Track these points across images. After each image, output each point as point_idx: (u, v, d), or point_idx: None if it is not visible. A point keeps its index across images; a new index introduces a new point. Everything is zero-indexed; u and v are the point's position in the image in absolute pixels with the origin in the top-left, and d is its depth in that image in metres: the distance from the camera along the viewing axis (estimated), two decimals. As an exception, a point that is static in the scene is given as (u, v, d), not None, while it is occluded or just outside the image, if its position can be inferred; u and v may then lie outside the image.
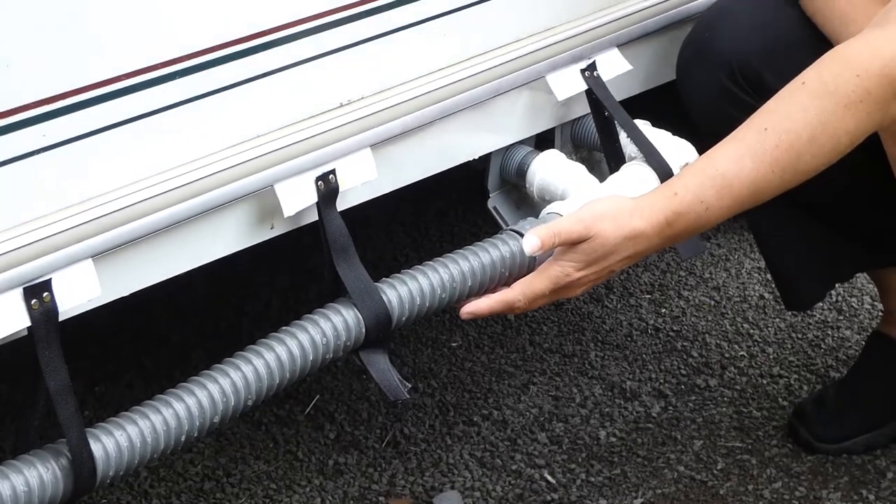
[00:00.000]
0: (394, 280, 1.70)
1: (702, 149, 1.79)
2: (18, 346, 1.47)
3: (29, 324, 1.44)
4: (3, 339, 1.45)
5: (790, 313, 2.45)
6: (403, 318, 1.70)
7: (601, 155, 2.02)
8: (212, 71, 1.57)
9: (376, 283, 1.69)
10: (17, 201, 1.44)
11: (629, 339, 2.40)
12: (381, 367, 1.71)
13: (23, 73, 1.42)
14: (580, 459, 2.12)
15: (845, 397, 2.12)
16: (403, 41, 1.74)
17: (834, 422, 2.11)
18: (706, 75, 1.92)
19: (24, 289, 1.44)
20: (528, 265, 1.78)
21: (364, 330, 1.66)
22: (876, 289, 2.30)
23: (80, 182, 1.48)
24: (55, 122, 1.45)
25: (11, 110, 1.42)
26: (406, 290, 1.69)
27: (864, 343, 2.17)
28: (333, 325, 1.64)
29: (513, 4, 1.85)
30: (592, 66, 1.94)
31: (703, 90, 1.93)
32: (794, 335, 2.40)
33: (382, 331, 1.68)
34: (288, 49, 1.63)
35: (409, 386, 1.71)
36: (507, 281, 1.77)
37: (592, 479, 2.08)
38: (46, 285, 1.45)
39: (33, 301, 1.44)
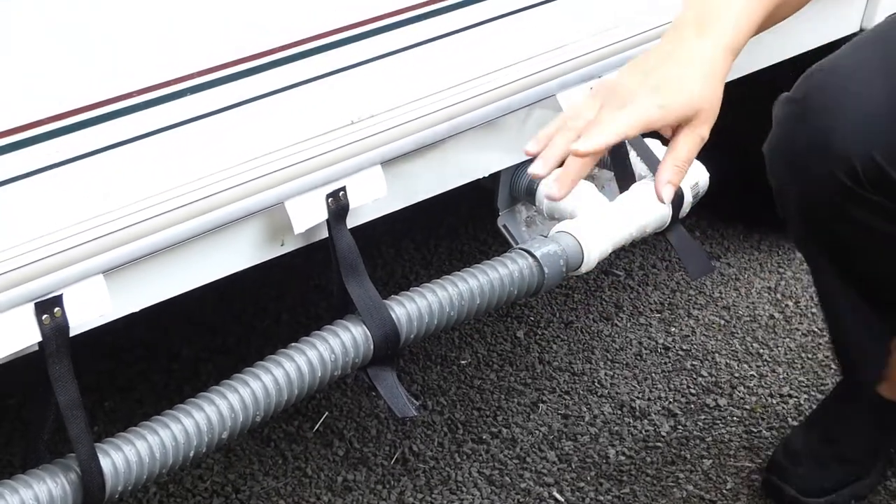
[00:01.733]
0: (403, 297, 1.71)
1: (807, 264, 1.77)
2: (29, 360, 1.48)
3: (40, 339, 1.45)
4: (15, 353, 1.45)
5: (800, 333, 2.45)
6: (412, 336, 1.70)
7: (611, 173, 2.02)
8: (222, 88, 1.57)
9: (385, 301, 1.69)
10: (30, 217, 1.45)
11: (639, 357, 2.40)
12: (389, 384, 1.71)
13: (36, 89, 1.43)
14: (589, 478, 2.12)
15: (825, 449, 2.05)
16: (414, 59, 1.75)
17: (816, 474, 2.03)
18: (817, 171, 1.71)
19: (36, 304, 1.44)
20: (538, 284, 1.79)
21: (373, 347, 1.67)
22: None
23: (91, 198, 1.49)
24: (68, 137, 1.46)
25: (25, 126, 1.43)
26: (415, 308, 1.70)
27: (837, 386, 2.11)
28: (342, 341, 1.65)
29: (523, 22, 1.86)
30: (603, 85, 1.94)
31: (814, 188, 1.73)
32: (804, 355, 2.40)
33: (391, 348, 1.68)
34: (299, 66, 1.63)
35: (418, 403, 1.72)
36: (516, 299, 1.77)
37: (601, 498, 2.08)
38: (58, 300, 1.46)
39: (44, 316, 1.45)
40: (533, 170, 1.40)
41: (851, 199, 1.71)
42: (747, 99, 2.12)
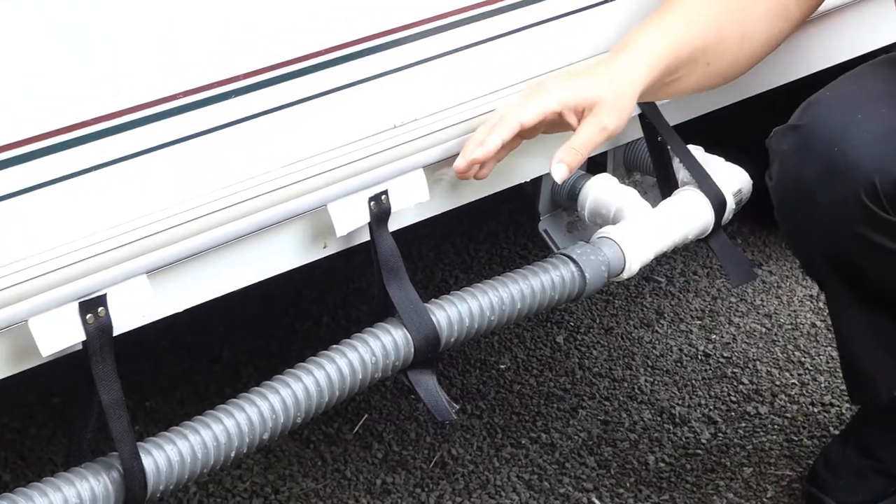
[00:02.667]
0: (443, 301, 1.71)
1: (820, 288, 1.83)
2: (72, 359, 1.49)
3: (84, 338, 1.46)
4: (59, 352, 1.46)
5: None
6: (452, 340, 1.70)
7: (654, 179, 2.02)
8: (266, 91, 1.58)
9: (426, 304, 1.69)
10: (76, 216, 1.46)
11: (679, 364, 2.40)
12: (429, 387, 1.71)
13: (84, 89, 1.44)
14: (628, 484, 2.12)
15: (863, 460, 2.02)
16: (457, 63, 1.75)
17: (856, 486, 2.01)
18: (839, 194, 1.71)
19: (80, 303, 1.45)
20: (579, 290, 1.78)
21: (413, 350, 1.67)
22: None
23: (136, 198, 1.50)
24: (114, 138, 1.47)
25: (72, 126, 1.44)
26: (455, 312, 1.70)
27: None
28: (383, 344, 1.65)
29: (566, 29, 1.85)
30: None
31: (833, 211, 1.73)
32: (845, 364, 2.39)
33: (431, 351, 1.69)
34: (343, 70, 1.64)
35: (457, 407, 1.72)
36: (556, 305, 1.77)
37: (640, 505, 2.08)
38: (102, 300, 1.47)
39: (88, 315, 1.46)
40: (455, 165, 1.64)
41: (869, 220, 1.71)
42: (790, 106, 2.11)
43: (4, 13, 1.37)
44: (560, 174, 1.62)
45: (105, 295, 1.47)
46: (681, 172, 1.97)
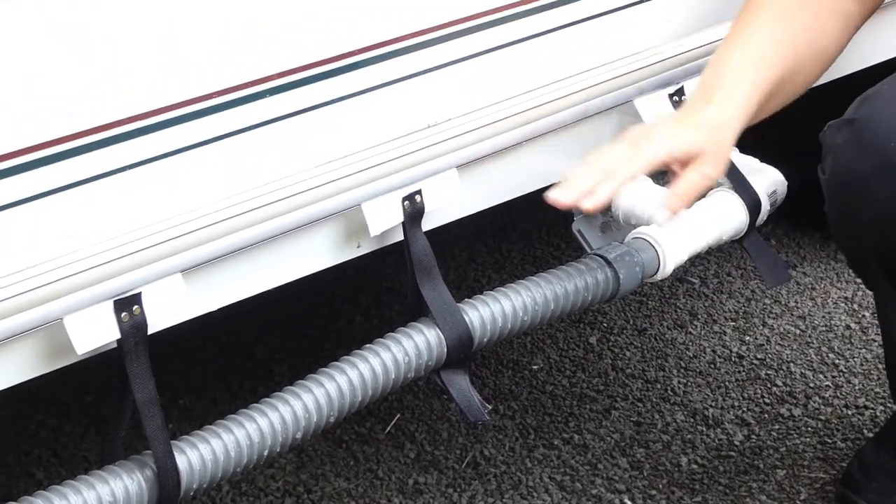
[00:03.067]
0: (476, 301, 1.71)
1: (868, 287, 1.84)
2: (105, 358, 1.50)
3: (118, 336, 1.47)
4: (94, 350, 1.47)
5: (877, 343, 2.42)
6: (485, 340, 1.70)
7: (688, 180, 2.01)
8: (300, 90, 1.58)
9: (458, 304, 1.69)
10: (110, 215, 1.46)
11: (712, 366, 2.39)
12: (461, 387, 1.71)
13: (118, 89, 1.45)
14: (661, 486, 2.11)
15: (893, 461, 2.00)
16: (491, 63, 1.75)
17: (890, 488, 1.99)
18: (894, 189, 1.70)
19: (115, 301, 1.46)
20: (613, 290, 1.78)
21: (445, 350, 1.67)
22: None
23: (171, 197, 1.50)
24: (148, 137, 1.47)
25: (106, 125, 1.45)
26: (488, 312, 1.70)
27: None
28: (415, 344, 1.65)
29: (602, 28, 1.85)
30: (681, 91, 1.94)
31: (887, 207, 1.71)
32: (879, 366, 2.37)
33: (464, 351, 1.68)
34: (377, 70, 1.64)
35: (490, 407, 1.71)
36: (590, 305, 1.77)
37: (672, 506, 2.07)
38: (136, 298, 1.47)
39: (123, 314, 1.46)
40: (552, 195, 1.64)
41: None
42: (828, 105, 2.10)
43: (61, 13, 1.38)
44: (663, 217, 1.67)
45: (140, 293, 1.47)
46: (715, 173, 1.96)
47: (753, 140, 2.03)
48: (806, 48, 1.78)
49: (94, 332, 1.45)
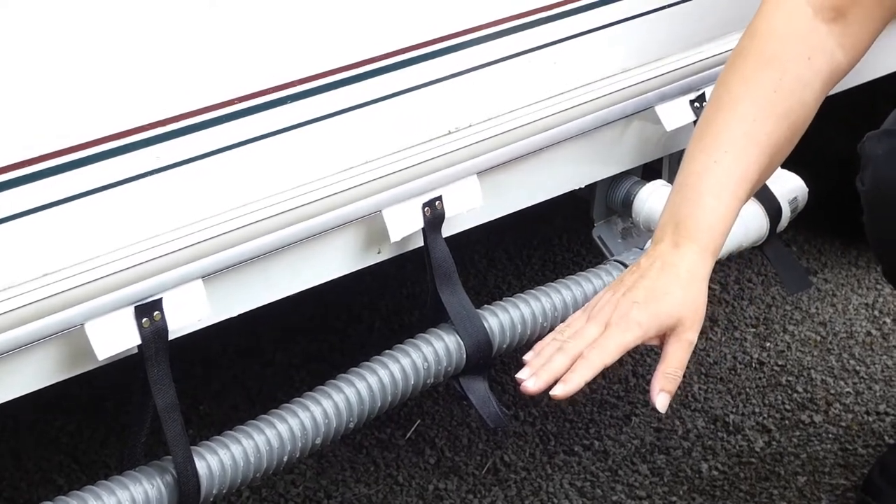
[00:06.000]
0: (496, 307, 1.71)
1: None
2: (126, 363, 1.50)
3: (139, 342, 1.47)
4: (115, 356, 1.47)
5: (898, 350, 2.42)
6: (504, 346, 1.70)
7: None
8: (323, 96, 1.59)
9: (478, 310, 1.69)
10: (131, 221, 1.47)
11: (733, 372, 2.38)
12: (481, 393, 1.71)
13: (138, 95, 1.45)
14: (681, 492, 2.11)
15: None
16: (512, 70, 1.75)
17: None
18: None
19: (136, 307, 1.46)
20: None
21: (465, 356, 1.67)
22: None
23: (191, 203, 1.51)
24: (169, 144, 1.48)
25: (126, 131, 1.45)
26: (508, 318, 1.70)
27: None
28: (435, 350, 1.65)
29: (623, 34, 1.85)
30: (702, 98, 1.93)
31: None
32: (901, 373, 2.37)
33: (483, 357, 1.68)
34: (398, 76, 1.64)
35: (510, 413, 1.71)
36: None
37: (693, 513, 2.07)
38: (157, 304, 1.47)
39: (144, 319, 1.47)
40: (520, 375, 1.48)
41: None
42: (847, 111, 2.09)
43: (74, 16, 1.39)
44: (663, 405, 1.50)
45: (161, 299, 1.48)
46: (736, 179, 1.95)
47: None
48: (786, 133, 1.60)
49: (115, 337, 1.46)
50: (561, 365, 1.48)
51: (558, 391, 1.47)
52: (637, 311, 1.49)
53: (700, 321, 1.53)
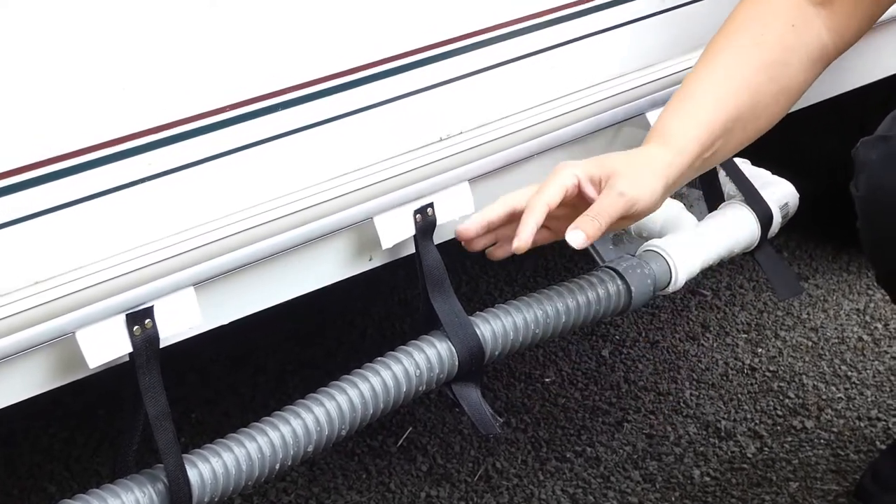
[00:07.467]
0: (488, 314, 1.71)
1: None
2: (116, 372, 1.50)
3: (130, 350, 1.47)
4: (106, 364, 1.47)
5: (889, 356, 2.42)
6: (496, 353, 1.70)
7: (700, 192, 2.01)
8: (312, 104, 1.59)
9: (470, 317, 1.69)
10: (122, 229, 1.47)
11: (725, 378, 2.39)
12: (473, 400, 1.71)
13: (132, 101, 1.45)
14: (674, 498, 2.11)
15: None
16: (503, 76, 1.75)
17: None
18: None
19: (127, 315, 1.46)
20: (625, 303, 1.78)
21: (457, 363, 1.67)
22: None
23: (183, 211, 1.51)
24: (160, 151, 1.48)
25: (118, 139, 1.45)
26: (500, 325, 1.70)
27: None
28: (427, 357, 1.65)
29: (613, 41, 1.85)
30: (692, 104, 1.93)
31: None
32: (892, 378, 2.37)
33: (475, 364, 1.68)
34: (389, 83, 1.64)
35: (502, 420, 1.71)
36: (602, 318, 1.76)
37: (685, 519, 2.07)
38: (149, 312, 1.47)
39: (135, 327, 1.46)
40: (462, 228, 1.58)
41: None
42: (837, 117, 2.10)
43: (65, 22, 1.39)
44: (576, 241, 1.54)
45: (152, 307, 1.48)
46: (727, 185, 1.96)
47: (765, 153, 2.03)
48: (769, 86, 1.68)
49: (107, 345, 1.46)
50: (499, 214, 1.57)
51: (515, 244, 1.54)
52: (574, 161, 1.59)
53: (640, 187, 1.58)
